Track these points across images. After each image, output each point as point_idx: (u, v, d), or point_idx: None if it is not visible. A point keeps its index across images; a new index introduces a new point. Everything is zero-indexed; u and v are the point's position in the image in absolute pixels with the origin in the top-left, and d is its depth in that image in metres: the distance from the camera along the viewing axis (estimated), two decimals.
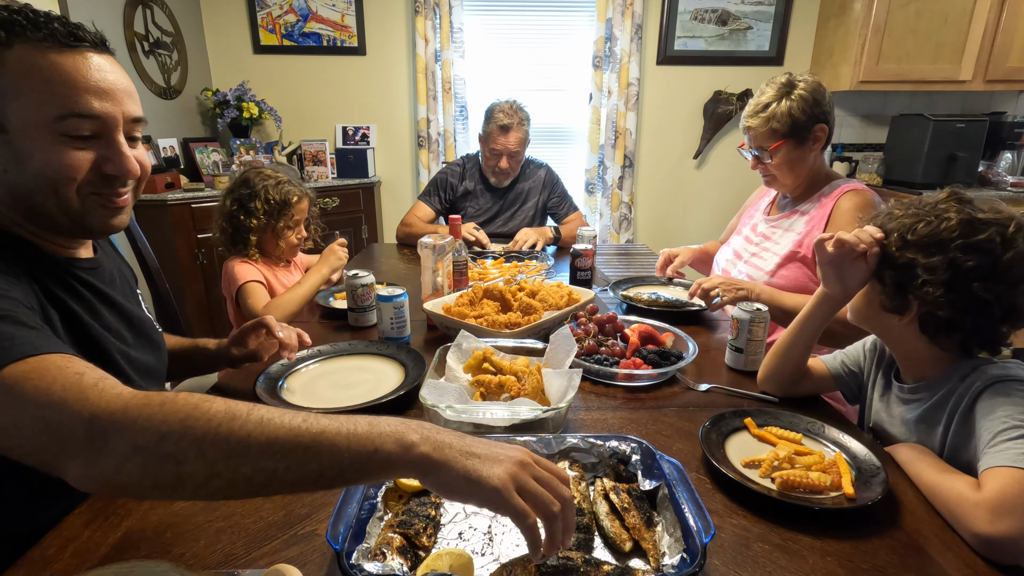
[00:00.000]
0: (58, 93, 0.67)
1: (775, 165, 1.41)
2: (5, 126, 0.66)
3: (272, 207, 1.51)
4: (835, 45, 3.12)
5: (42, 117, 0.67)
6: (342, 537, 0.57)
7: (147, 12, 2.69)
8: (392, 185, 3.48)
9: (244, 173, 1.56)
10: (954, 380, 0.81)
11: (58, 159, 0.68)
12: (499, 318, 1.21)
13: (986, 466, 0.69)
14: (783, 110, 1.34)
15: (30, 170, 0.68)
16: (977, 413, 0.75)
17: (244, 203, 1.50)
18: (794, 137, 1.36)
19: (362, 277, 1.33)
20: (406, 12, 3.17)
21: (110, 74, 0.71)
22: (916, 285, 0.78)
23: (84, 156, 0.70)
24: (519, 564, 0.58)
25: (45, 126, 0.67)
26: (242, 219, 1.50)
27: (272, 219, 1.52)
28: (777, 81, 1.39)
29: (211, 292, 2.70)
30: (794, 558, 0.64)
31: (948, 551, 0.66)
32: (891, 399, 0.91)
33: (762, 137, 1.39)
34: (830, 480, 0.74)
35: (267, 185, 1.51)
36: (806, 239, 1.39)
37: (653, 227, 3.58)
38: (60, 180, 0.70)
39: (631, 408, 0.99)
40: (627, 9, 3.09)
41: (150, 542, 0.66)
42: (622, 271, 1.92)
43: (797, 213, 1.46)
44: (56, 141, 0.68)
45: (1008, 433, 0.70)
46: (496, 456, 0.53)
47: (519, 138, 2.20)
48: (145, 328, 0.92)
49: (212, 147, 2.98)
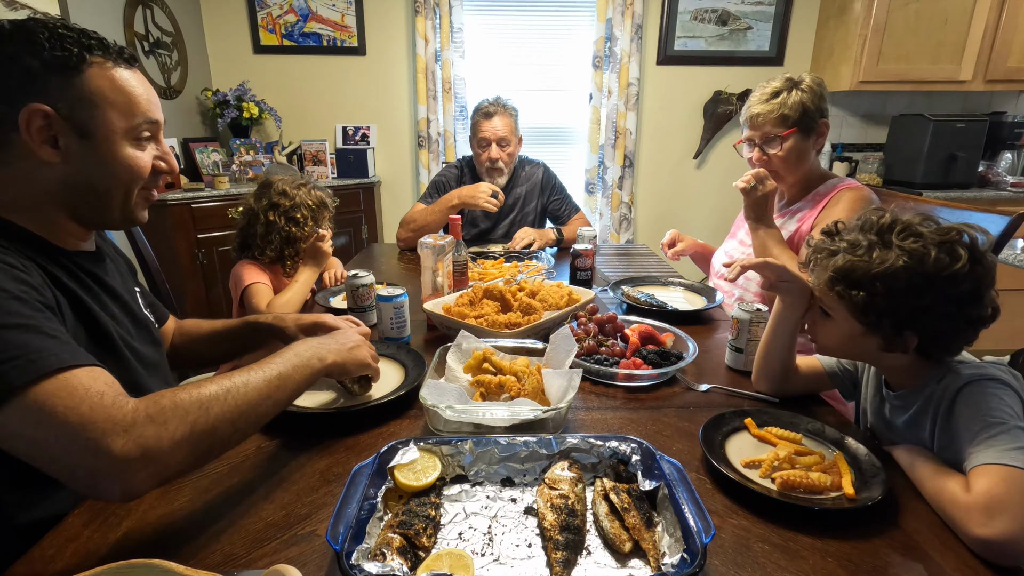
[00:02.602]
0: (130, 104, 0.78)
1: (782, 156, 1.37)
2: (91, 133, 0.76)
3: (316, 211, 1.56)
4: (835, 45, 3.12)
5: (120, 125, 0.77)
6: (342, 537, 0.57)
7: (147, 12, 2.69)
8: (392, 185, 3.48)
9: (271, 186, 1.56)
10: (932, 384, 0.82)
11: (135, 161, 0.80)
12: (499, 318, 1.21)
13: (972, 465, 0.70)
14: (795, 99, 1.34)
15: (111, 171, 0.78)
16: (956, 415, 0.76)
17: (292, 215, 1.53)
18: (803, 127, 1.35)
19: (362, 277, 1.33)
20: (406, 12, 3.17)
21: (150, 86, 0.83)
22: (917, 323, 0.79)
23: (147, 156, 0.82)
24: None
25: (122, 132, 0.78)
26: (294, 232, 1.54)
27: (317, 223, 1.57)
28: (780, 76, 1.39)
29: (211, 292, 2.70)
30: (794, 558, 0.64)
31: (948, 551, 0.66)
32: (883, 402, 0.92)
33: (772, 123, 1.36)
34: (830, 480, 0.74)
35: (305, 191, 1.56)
36: (796, 236, 1.39)
37: (653, 227, 3.58)
38: (135, 178, 0.81)
39: (631, 408, 0.99)
40: (627, 9, 3.09)
41: (150, 542, 0.66)
42: (622, 271, 1.91)
43: (789, 213, 1.46)
44: (131, 145, 0.79)
45: (987, 431, 0.71)
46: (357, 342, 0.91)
47: (506, 123, 2.14)
48: (146, 323, 0.95)
49: (212, 147, 2.98)
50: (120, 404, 0.60)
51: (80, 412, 0.57)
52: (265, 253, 1.54)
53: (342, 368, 0.87)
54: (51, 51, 0.72)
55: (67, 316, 0.74)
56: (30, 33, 0.72)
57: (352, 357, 0.88)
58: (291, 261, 1.58)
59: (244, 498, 0.74)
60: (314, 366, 0.80)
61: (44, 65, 0.72)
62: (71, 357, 0.61)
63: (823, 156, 3.30)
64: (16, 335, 0.60)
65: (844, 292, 0.81)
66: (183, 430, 0.61)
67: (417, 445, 0.74)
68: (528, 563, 0.62)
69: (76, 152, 0.75)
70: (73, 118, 0.74)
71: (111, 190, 0.80)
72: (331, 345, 0.86)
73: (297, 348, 0.81)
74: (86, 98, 0.74)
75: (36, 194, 0.76)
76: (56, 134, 0.74)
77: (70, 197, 0.78)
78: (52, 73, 0.72)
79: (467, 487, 0.75)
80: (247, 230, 1.56)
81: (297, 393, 0.78)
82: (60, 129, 0.74)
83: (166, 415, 0.61)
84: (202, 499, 0.74)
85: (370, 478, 0.67)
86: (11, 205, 0.76)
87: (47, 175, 0.75)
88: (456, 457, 0.76)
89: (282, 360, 0.77)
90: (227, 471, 0.80)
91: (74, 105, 0.73)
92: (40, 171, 0.75)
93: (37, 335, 0.61)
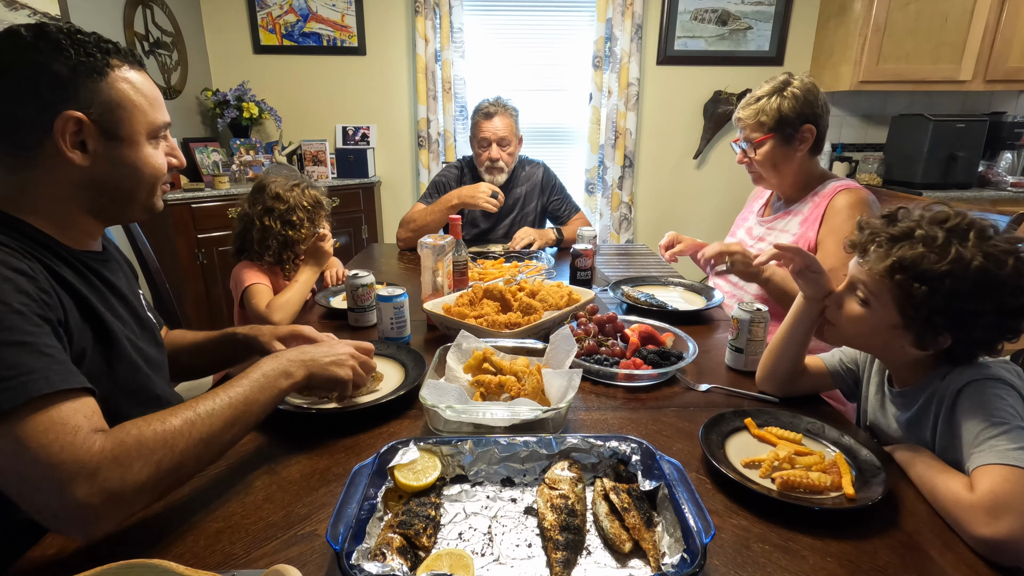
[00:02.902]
0: (150, 106, 0.81)
1: (759, 160, 1.43)
2: (118, 136, 0.78)
3: (312, 212, 1.55)
4: (835, 45, 3.12)
5: (144, 126, 0.81)
6: (342, 537, 0.57)
7: (147, 12, 2.69)
8: (392, 185, 3.48)
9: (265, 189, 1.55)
10: (936, 381, 0.82)
11: (158, 160, 0.84)
12: (499, 318, 1.21)
13: (975, 465, 0.70)
14: (773, 105, 1.37)
15: (137, 170, 0.81)
16: (958, 414, 0.76)
17: (287, 218, 1.53)
18: (780, 133, 1.39)
19: (362, 277, 1.33)
20: (406, 12, 3.17)
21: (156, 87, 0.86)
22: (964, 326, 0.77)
23: (163, 154, 0.86)
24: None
25: (146, 133, 0.81)
26: (291, 234, 1.53)
27: (314, 224, 1.56)
28: (775, 79, 1.40)
29: (211, 292, 2.70)
30: (794, 558, 0.64)
31: (949, 551, 0.66)
32: (885, 400, 0.92)
33: (750, 128, 1.42)
34: (830, 480, 0.74)
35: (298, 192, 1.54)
36: (801, 240, 1.39)
37: (653, 227, 3.58)
38: (158, 176, 0.85)
39: (631, 408, 0.99)
40: (627, 9, 3.09)
41: (150, 542, 0.66)
42: (622, 271, 1.91)
43: (791, 214, 1.46)
44: (151, 144, 0.83)
45: (990, 431, 0.71)
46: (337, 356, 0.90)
47: (506, 124, 2.14)
48: (149, 324, 0.96)
49: (212, 147, 2.97)
50: (88, 445, 0.60)
51: (50, 452, 0.58)
52: (264, 258, 1.54)
53: (312, 383, 0.87)
54: (76, 56, 0.74)
55: (73, 318, 0.74)
56: (53, 39, 0.73)
57: (324, 372, 0.87)
58: (290, 264, 1.58)
59: (244, 498, 0.74)
60: (280, 385, 0.80)
61: (72, 71, 0.73)
62: (61, 380, 0.62)
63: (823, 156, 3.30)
64: (11, 353, 0.60)
65: (904, 282, 0.77)
66: (148, 471, 0.62)
67: (417, 445, 0.74)
68: (528, 563, 0.62)
69: (103, 154, 0.78)
70: (102, 122, 0.76)
71: (136, 188, 0.83)
72: (302, 358, 0.85)
73: (264, 367, 0.81)
74: (113, 102, 0.77)
75: (56, 195, 0.78)
76: (85, 138, 0.76)
77: (93, 196, 0.80)
78: (80, 78, 0.74)
79: (467, 487, 0.75)
80: (244, 235, 1.55)
81: (264, 413, 0.78)
82: (90, 133, 0.76)
83: (131, 456, 0.61)
84: (202, 499, 0.74)
85: (370, 478, 0.67)
86: (28, 207, 0.77)
87: (70, 176, 0.77)
88: (456, 457, 0.76)
89: (248, 381, 0.77)
90: (227, 471, 0.80)
91: (103, 109, 0.76)
92: (64, 173, 0.76)
93: (31, 354, 0.62)
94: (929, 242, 0.77)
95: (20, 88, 0.72)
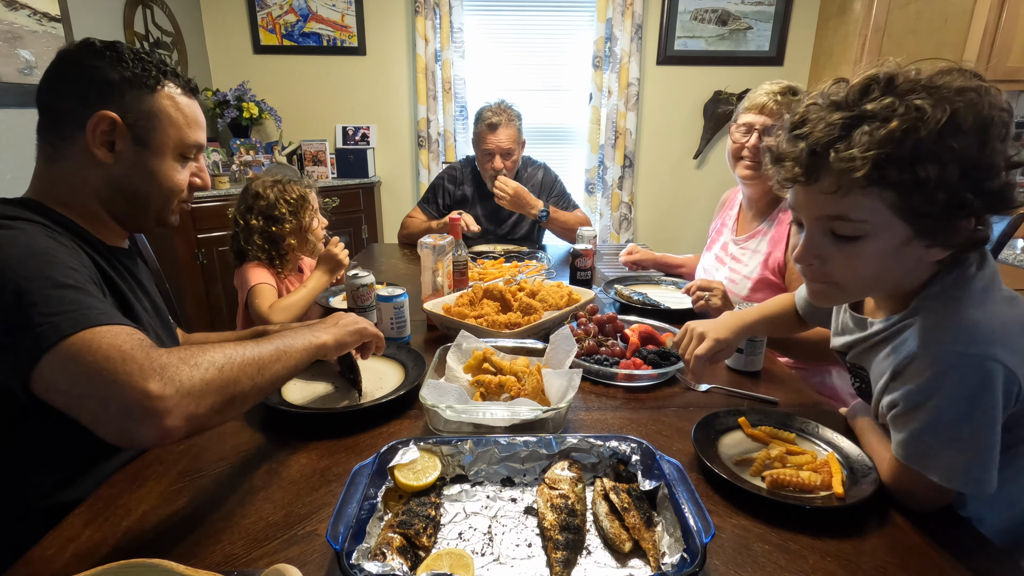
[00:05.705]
0: (187, 126, 0.88)
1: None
2: (147, 143, 0.84)
3: (295, 206, 1.55)
4: (835, 45, 3.11)
5: (173, 143, 0.87)
6: (342, 537, 0.57)
7: (147, 12, 2.69)
8: (392, 185, 3.48)
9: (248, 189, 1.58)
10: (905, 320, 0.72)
11: (178, 176, 0.89)
12: (499, 318, 1.21)
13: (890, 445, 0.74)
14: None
15: (154, 180, 0.87)
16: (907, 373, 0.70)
17: (269, 214, 1.53)
18: None
19: (362, 277, 1.33)
20: (406, 12, 3.17)
21: (202, 114, 0.93)
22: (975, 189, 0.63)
23: (186, 174, 0.91)
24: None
25: (173, 149, 0.87)
26: (275, 230, 1.54)
27: (298, 218, 1.56)
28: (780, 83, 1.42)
29: (211, 292, 2.70)
30: (794, 558, 0.65)
31: (948, 551, 0.66)
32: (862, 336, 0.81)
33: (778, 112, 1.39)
34: (820, 479, 0.74)
35: (279, 188, 1.55)
36: (770, 259, 1.41)
37: (653, 227, 3.58)
38: (175, 191, 0.90)
39: (631, 408, 0.99)
40: (627, 9, 3.09)
41: (150, 542, 0.66)
42: (622, 271, 1.91)
43: (760, 234, 1.47)
44: (177, 160, 0.89)
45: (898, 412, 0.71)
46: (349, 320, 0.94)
47: (510, 135, 2.15)
48: (169, 323, 1.03)
49: (212, 147, 2.97)
50: (154, 350, 0.64)
51: (122, 349, 0.61)
52: (257, 256, 1.55)
53: (338, 344, 0.88)
54: (132, 69, 0.81)
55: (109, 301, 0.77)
56: (119, 52, 0.82)
57: (345, 331, 0.90)
58: (280, 260, 1.58)
59: (244, 498, 0.74)
60: (310, 341, 0.83)
61: (123, 80, 0.81)
62: (118, 318, 0.67)
63: None
64: (71, 293, 0.66)
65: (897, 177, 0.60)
66: (212, 373, 0.65)
67: (417, 445, 0.74)
68: (528, 563, 0.62)
69: (128, 157, 0.83)
70: (136, 127, 0.83)
71: (151, 197, 0.88)
72: (322, 327, 0.89)
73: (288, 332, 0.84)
74: (153, 113, 0.83)
75: (83, 189, 0.84)
76: (115, 139, 0.82)
77: (112, 197, 0.85)
78: (129, 88, 0.81)
79: (467, 487, 0.75)
80: (236, 237, 1.58)
81: (300, 366, 0.80)
82: (120, 134, 0.82)
83: (197, 359, 0.65)
84: (202, 499, 0.74)
85: (370, 478, 0.67)
86: (61, 199, 0.83)
87: (96, 173, 0.83)
88: (456, 457, 0.76)
89: (279, 337, 0.79)
90: (227, 471, 0.80)
91: (139, 116, 0.82)
92: (90, 169, 0.82)
93: (89, 296, 0.67)
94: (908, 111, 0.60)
95: (74, 85, 0.80)
